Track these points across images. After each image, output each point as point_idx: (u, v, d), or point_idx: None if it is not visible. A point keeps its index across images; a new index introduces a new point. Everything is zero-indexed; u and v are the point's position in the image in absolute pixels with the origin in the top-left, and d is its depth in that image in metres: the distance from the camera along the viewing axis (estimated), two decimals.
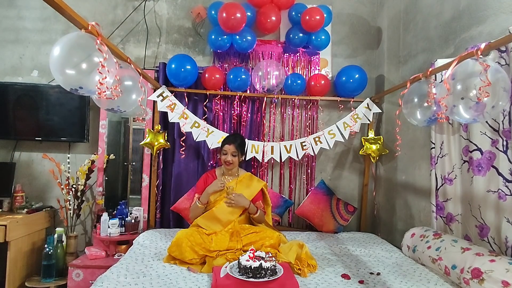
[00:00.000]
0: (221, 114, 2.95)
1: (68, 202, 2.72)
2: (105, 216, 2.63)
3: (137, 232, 2.68)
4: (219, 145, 2.65)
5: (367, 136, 2.98)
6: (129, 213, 2.76)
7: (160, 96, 2.76)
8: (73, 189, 2.70)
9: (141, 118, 2.97)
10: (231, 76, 2.84)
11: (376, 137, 2.94)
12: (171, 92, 2.81)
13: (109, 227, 2.59)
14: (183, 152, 2.86)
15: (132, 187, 3.05)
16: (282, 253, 2.01)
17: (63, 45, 1.49)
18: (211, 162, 2.93)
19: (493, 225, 1.73)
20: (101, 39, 1.55)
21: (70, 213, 2.74)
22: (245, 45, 2.85)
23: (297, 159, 2.94)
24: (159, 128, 2.80)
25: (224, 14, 2.61)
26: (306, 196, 2.97)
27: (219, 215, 2.25)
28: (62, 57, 1.48)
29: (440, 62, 1.99)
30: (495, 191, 1.71)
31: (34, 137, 2.85)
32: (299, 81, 2.89)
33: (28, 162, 2.94)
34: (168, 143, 2.80)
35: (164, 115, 2.85)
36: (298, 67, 3.08)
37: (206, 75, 2.82)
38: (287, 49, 3.06)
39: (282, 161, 2.91)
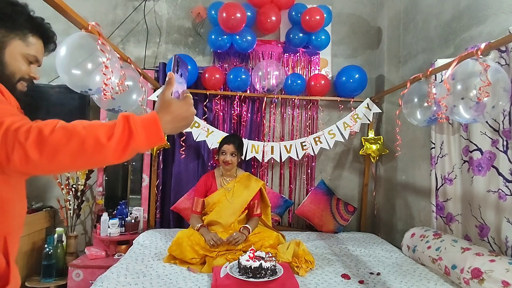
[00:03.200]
0: (221, 114, 2.95)
1: (68, 202, 2.71)
2: (105, 216, 2.62)
3: (137, 232, 2.68)
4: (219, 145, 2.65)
5: (367, 136, 2.98)
6: (129, 213, 2.76)
7: None
8: (73, 189, 2.70)
9: None
10: (231, 76, 2.84)
11: (376, 137, 2.94)
12: None
13: (109, 227, 2.59)
14: (183, 152, 2.86)
15: (132, 187, 3.04)
16: (280, 252, 2.01)
17: (68, 45, 1.52)
18: (211, 162, 2.92)
19: (493, 225, 1.73)
20: (101, 39, 1.55)
21: (70, 213, 2.73)
22: (245, 45, 2.85)
23: (297, 159, 2.94)
24: None
25: (224, 14, 2.61)
26: (306, 196, 2.97)
27: (219, 219, 2.26)
28: (67, 57, 1.51)
29: (440, 62, 1.99)
30: (495, 191, 1.71)
31: None
32: (299, 81, 2.89)
33: None
34: (168, 143, 2.80)
35: None
36: (298, 67, 3.08)
37: (206, 75, 2.82)
38: (287, 49, 3.05)
39: (282, 161, 2.90)
